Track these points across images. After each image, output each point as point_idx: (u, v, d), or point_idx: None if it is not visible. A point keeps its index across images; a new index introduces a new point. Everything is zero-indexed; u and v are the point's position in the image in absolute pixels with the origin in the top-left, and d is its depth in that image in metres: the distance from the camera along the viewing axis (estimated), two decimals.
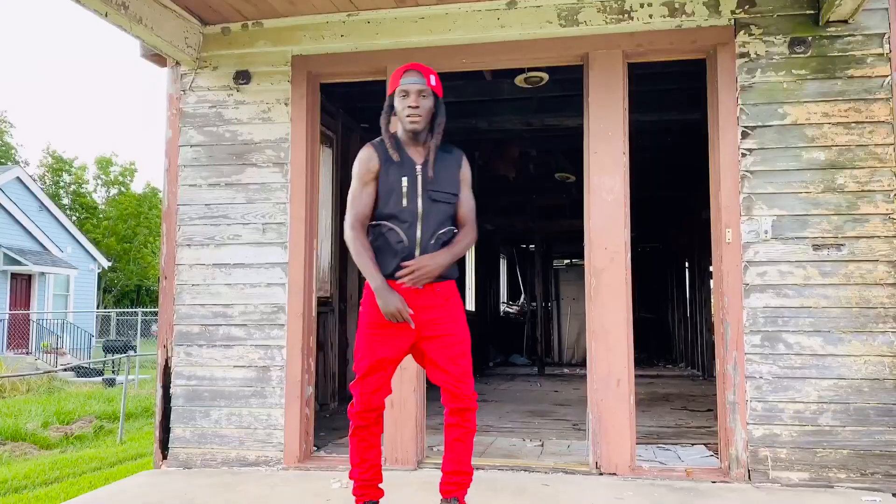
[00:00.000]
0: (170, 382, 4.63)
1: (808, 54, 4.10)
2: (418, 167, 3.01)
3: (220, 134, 4.72)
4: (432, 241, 2.96)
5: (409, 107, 2.95)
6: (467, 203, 3.12)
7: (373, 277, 2.91)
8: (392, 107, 3.05)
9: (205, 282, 4.65)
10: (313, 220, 4.67)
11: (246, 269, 4.61)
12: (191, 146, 4.75)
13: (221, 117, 4.73)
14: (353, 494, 3.10)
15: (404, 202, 2.96)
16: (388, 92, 3.07)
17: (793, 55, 4.12)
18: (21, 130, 70.51)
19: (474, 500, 3.18)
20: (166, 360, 4.65)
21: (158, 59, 4.88)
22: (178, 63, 4.79)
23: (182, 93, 4.80)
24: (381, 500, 3.13)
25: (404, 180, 2.97)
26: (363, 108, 7.20)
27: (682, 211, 11.74)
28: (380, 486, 3.13)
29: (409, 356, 3.13)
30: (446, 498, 3.02)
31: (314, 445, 4.69)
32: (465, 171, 3.13)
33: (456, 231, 3.07)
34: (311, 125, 4.68)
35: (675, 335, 13.93)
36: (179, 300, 4.67)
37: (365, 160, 3.04)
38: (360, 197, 3.02)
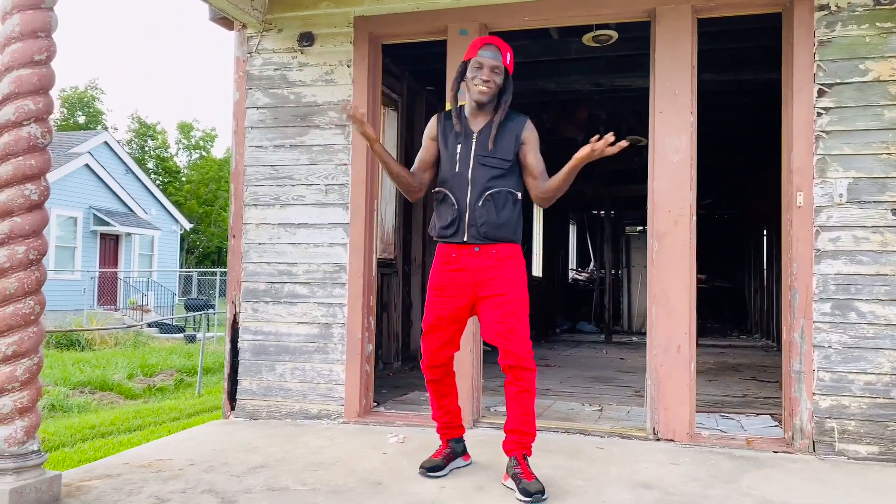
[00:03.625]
0: (237, 337, 4.81)
1: (895, 6, 3.84)
2: (475, 135, 3.17)
3: (284, 96, 4.80)
4: (479, 203, 3.10)
5: (482, 79, 3.10)
6: (539, 167, 3.19)
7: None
8: (463, 74, 3.20)
9: (270, 241, 4.79)
10: (374, 181, 4.72)
11: (309, 229, 4.72)
12: (257, 108, 4.85)
13: (286, 79, 4.80)
14: (437, 433, 3.45)
15: (457, 167, 3.15)
16: (464, 58, 3.20)
17: (878, 7, 3.86)
18: (109, 96, 73.56)
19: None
20: (234, 316, 4.83)
21: (226, 22, 4.98)
22: (244, 26, 4.88)
23: (248, 55, 4.89)
24: (463, 436, 3.46)
25: (459, 147, 3.16)
26: (428, 71, 7.13)
27: (761, 177, 11.28)
28: (461, 424, 3.44)
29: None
30: (508, 456, 3.13)
31: (374, 401, 4.80)
32: (529, 135, 3.19)
33: (510, 190, 3.17)
34: (372, 87, 4.70)
35: (751, 305, 13.51)
36: (247, 258, 4.82)
37: (428, 126, 3.34)
38: (419, 154, 3.33)
